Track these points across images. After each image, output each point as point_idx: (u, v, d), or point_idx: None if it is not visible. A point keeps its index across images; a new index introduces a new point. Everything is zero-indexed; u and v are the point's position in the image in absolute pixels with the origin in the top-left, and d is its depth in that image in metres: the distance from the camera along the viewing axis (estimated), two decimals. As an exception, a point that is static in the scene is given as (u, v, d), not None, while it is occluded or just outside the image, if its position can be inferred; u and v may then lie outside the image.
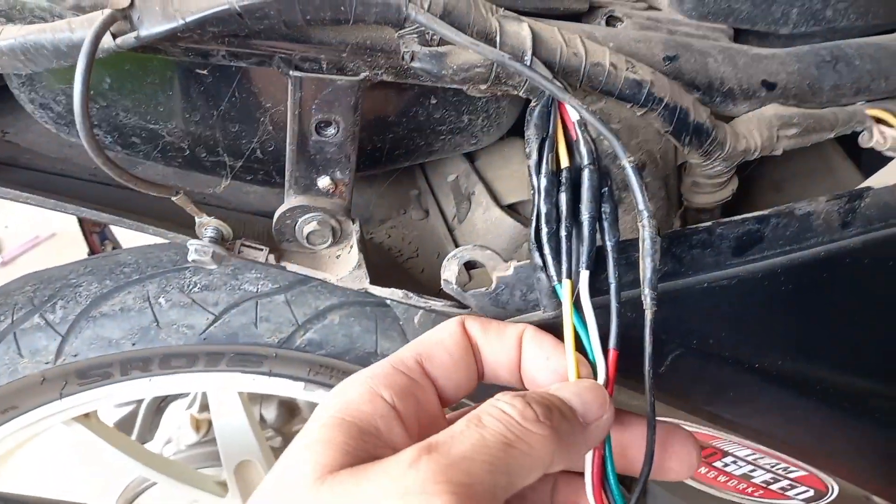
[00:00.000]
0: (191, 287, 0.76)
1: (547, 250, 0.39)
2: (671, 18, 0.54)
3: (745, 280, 0.46)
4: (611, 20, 0.53)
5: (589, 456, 0.36)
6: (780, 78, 0.54)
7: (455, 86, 0.45)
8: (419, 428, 0.35)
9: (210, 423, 1.08)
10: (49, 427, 0.80)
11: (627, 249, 0.44)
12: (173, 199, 0.44)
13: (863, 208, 0.49)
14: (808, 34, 0.57)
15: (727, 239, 0.46)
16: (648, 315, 0.39)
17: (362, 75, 0.45)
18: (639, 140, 0.51)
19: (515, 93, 0.46)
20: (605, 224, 0.39)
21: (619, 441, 0.38)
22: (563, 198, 0.39)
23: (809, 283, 0.48)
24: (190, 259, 0.46)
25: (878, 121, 0.57)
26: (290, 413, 1.14)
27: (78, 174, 0.62)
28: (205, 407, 1.12)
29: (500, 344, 0.39)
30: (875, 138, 0.57)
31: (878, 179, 0.52)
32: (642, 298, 0.39)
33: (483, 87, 0.45)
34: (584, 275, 0.38)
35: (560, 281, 0.40)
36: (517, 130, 0.62)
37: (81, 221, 0.98)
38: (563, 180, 0.39)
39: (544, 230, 0.39)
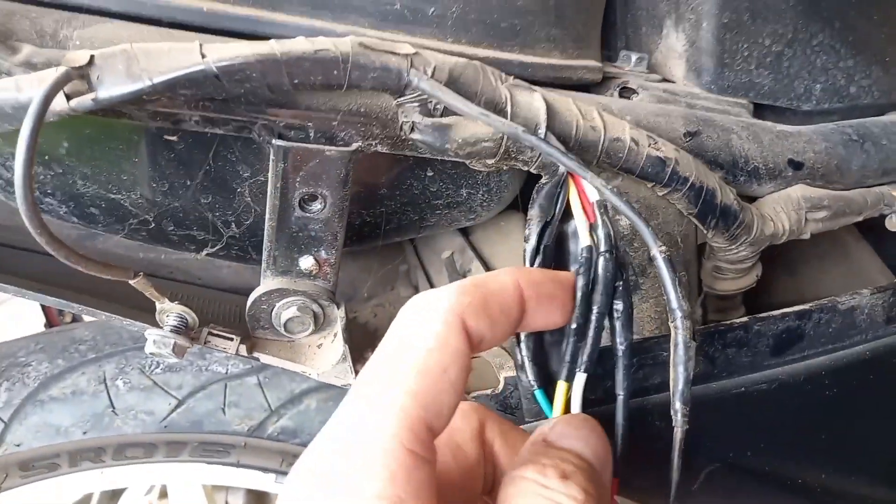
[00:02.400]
0: (153, 368, 0.69)
1: (525, 351, 0.34)
2: (688, 91, 0.50)
3: (784, 383, 0.41)
4: (625, 91, 0.49)
5: None
6: (808, 157, 0.50)
7: (458, 160, 0.40)
8: None
9: (170, 512, 0.98)
10: (-16, 525, 0.71)
11: (653, 349, 0.39)
12: (131, 282, 0.38)
13: (907, 302, 0.44)
14: (829, 111, 0.54)
15: (765, 337, 0.41)
16: (678, 434, 0.33)
17: (354, 146, 0.39)
18: (658, 222, 0.46)
19: (525, 168, 0.41)
20: (617, 324, 0.34)
21: None
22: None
23: (854, 385, 0.43)
24: (147, 351, 0.40)
25: (907, 203, 0.53)
26: (259, 501, 1.05)
27: (32, 246, 0.55)
28: (165, 494, 1.02)
29: (505, 323, 0.30)
30: (905, 222, 0.53)
31: (920, 269, 0.47)
32: (672, 413, 0.33)
33: (490, 161, 0.40)
34: (580, 378, 0.32)
35: (539, 386, 0.34)
36: (516, 203, 0.58)
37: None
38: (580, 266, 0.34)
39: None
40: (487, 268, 0.60)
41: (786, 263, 0.65)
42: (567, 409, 0.32)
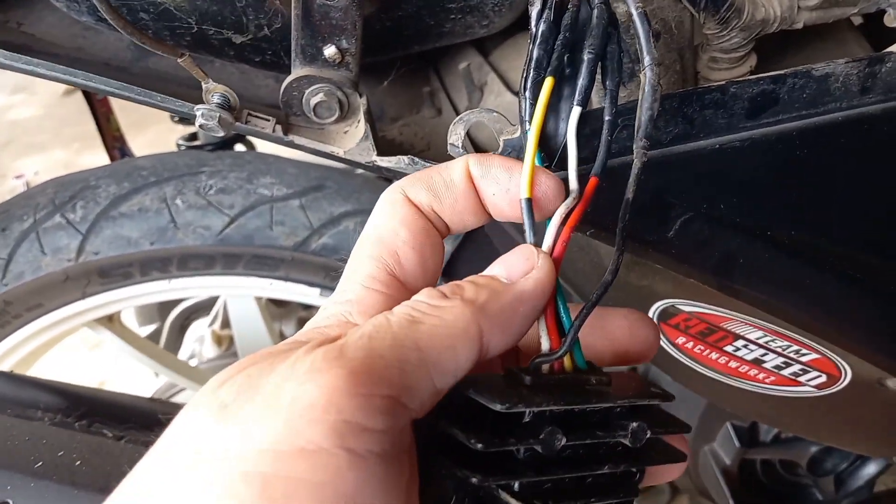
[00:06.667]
0: (207, 190, 0.77)
1: (529, 95, 0.38)
2: None
3: (757, 143, 0.45)
4: None
5: None
6: (803, -55, 0.52)
7: (461, -58, 0.44)
8: None
9: (231, 339, 1.10)
10: (75, 328, 0.83)
11: (635, 109, 0.44)
12: (179, 60, 0.45)
13: (884, 74, 0.47)
14: None
15: (741, 99, 0.45)
16: (637, 164, 0.37)
17: (366, -69, 0.44)
18: (653, 7, 0.49)
19: (523, -50, 0.45)
20: (609, 64, 0.38)
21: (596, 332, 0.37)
22: (564, 25, 0.38)
23: (825, 149, 0.47)
24: (197, 124, 0.47)
25: (907, -4, 0.55)
26: (310, 330, 1.16)
27: (92, 63, 0.62)
28: (226, 323, 1.14)
29: (452, 195, 0.35)
30: (902, 15, 0.55)
31: (902, 47, 0.50)
32: (634, 147, 0.38)
33: (490, -58, 0.44)
34: (576, 112, 0.37)
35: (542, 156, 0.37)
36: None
37: (103, 134, 0.99)
38: (570, 8, 0.38)
39: (531, 76, 0.38)
40: (504, 80, 0.64)
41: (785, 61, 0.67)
42: (546, 112, 0.36)
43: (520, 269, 0.32)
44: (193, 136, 1.01)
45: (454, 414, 0.29)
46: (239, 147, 1.03)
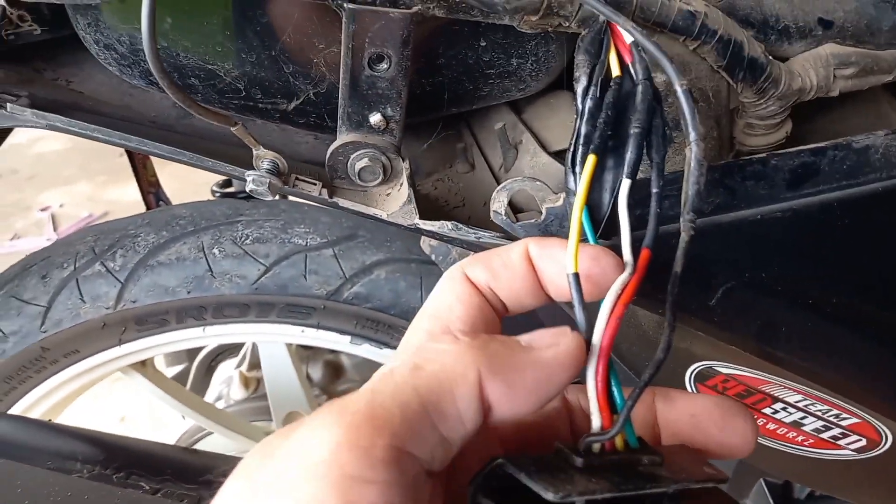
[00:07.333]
0: (243, 239, 0.79)
1: (580, 170, 0.38)
2: (724, -44, 0.53)
3: (799, 213, 0.46)
4: (663, -43, 0.53)
5: (591, 374, 0.33)
6: (837, 16, 0.53)
7: (507, 18, 0.46)
8: None
9: (259, 381, 1.11)
10: (108, 373, 0.84)
11: (678, 180, 0.44)
12: (232, 129, 0.46)
13: (923, 144, 0.48)
14: (865, -27, 0.56)
15: (782, 171, 0.46)
16: (685, 237, 0.37)
17: (414, 8, 0.45)
18: (691, 77, 0.50)
19: (567, 25, 0.46)
20: (654, 138, 0.39)
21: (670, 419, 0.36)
22: (608, 103, 0.39)
23: (866, 219, 0.47)
24: (248, 189, 0.48)
25: (941, 63, 0.56)
26: (336, 373, 1.16)
27: (138, 121, 0.64)
28: (254, 365, 1.15)
29: (510, 274, 0.35)
30: (936, 81, 0.56)
31: (940, 117, 0.50)
32: (681, 221, 0.38)
33: (534, 18, 0.45)
34: (626, 184, 0.37)
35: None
36: (563, 83, 0.62)
37: (140, 180, 1.01)
38: (613, 85, 0.39)
39: (580, 151, 0.39)
40: (538, 139, 0.65)
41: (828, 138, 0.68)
42: (589, 189, 0.37)
43: (544, 341, 0.32)
44: (227, 183, 1.03)
45: (500, 494, 0.30)
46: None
